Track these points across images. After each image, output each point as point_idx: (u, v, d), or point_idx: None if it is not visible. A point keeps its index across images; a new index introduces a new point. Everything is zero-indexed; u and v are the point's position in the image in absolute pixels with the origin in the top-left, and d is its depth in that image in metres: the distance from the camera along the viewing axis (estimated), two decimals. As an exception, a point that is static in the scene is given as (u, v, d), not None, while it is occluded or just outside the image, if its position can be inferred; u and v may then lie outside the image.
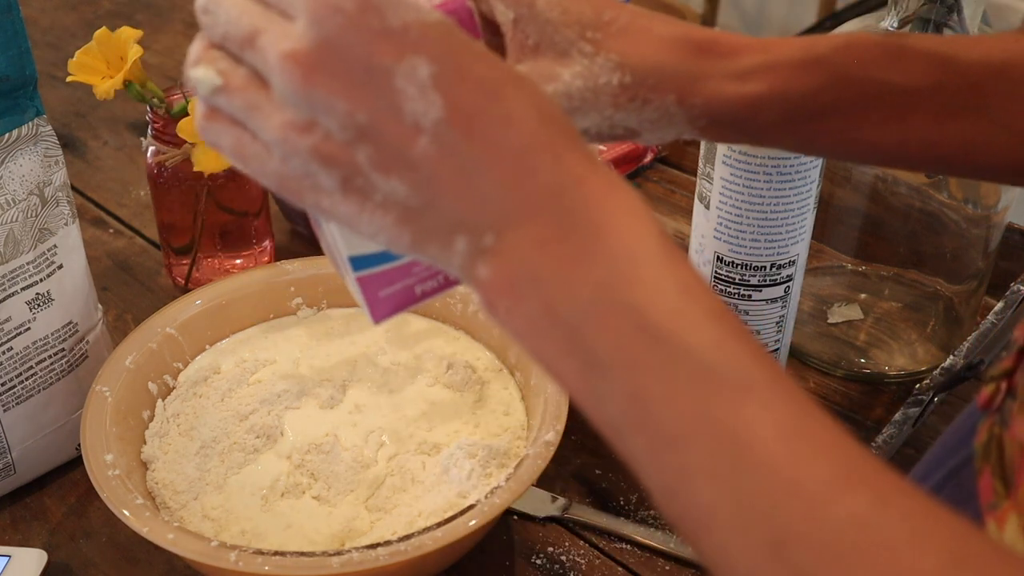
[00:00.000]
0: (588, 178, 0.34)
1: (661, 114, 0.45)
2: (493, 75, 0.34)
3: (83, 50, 0.73)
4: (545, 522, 0.66)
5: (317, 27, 0.33)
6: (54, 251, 0.64)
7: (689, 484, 0.31)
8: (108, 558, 0.64)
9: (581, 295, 0.33)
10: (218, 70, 0.36)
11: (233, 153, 0.38)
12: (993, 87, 0.48)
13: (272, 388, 0.67)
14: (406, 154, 0.34)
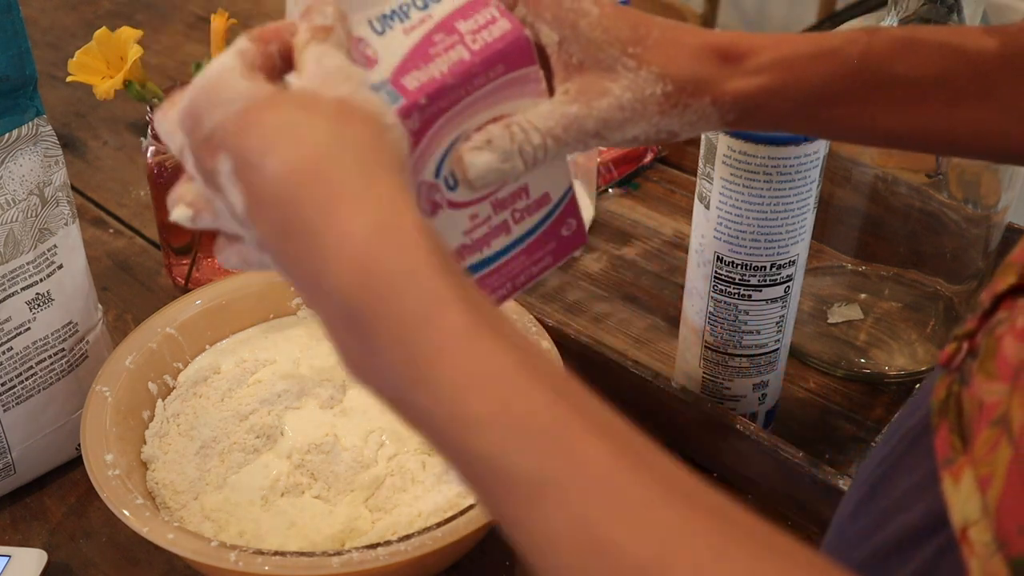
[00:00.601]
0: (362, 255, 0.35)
1: (699, 116, 0.49)
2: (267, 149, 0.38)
3: (83, 50, 0.73)
4: (545, 522, 0.66)
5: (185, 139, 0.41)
6: (54, 251, 0.64)
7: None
8: (108, 558, 0.64)
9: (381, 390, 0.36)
10: (186, 203, 0.43)
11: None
12: (1003, 76, 0.50)
13: (272, 388, 0.67)
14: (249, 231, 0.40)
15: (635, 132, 0.48)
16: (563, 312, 0.83)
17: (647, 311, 0.83)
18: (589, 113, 0.46)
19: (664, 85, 0.47)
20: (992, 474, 0.35)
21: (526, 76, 0.46)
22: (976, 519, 0.35)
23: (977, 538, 0.35)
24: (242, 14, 1.29)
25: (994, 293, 0.40)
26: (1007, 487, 0.34)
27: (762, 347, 0.67)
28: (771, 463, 0.65)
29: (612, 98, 0.47)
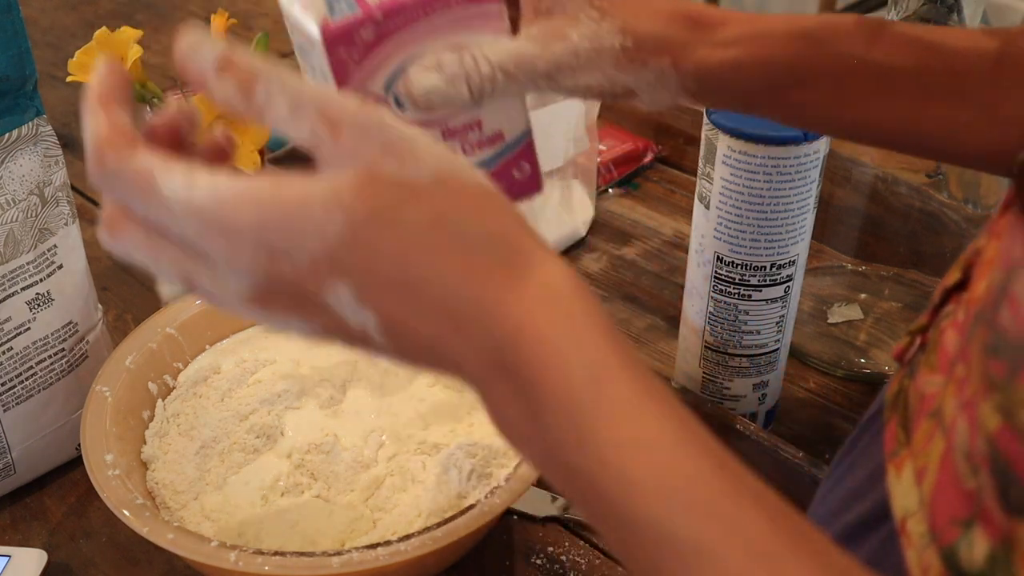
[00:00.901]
0: (523, 324, 0.34)
1: (657, 76, 0.49)
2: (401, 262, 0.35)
3: (83, 50, 0.73)
4: (545, 522, 0.66)
5: (246, 278, 0.35)
6: (54, 251, 0.64)
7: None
8: (108, 558, 0.64)
9: (538, 453, 0.36)
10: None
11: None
12: (978, 74, 0.50)
13: (272, 388, 0.67)
14: (369, 344, 0.36)
15: (588, 81, 0.49)
16: (563, 312, 0.83)
17: (647, 311, 0.83)
18: (542, 54, 0.47)
19: (624, 39, 0.48)
20: (927, 466, 0.35)
21: (487, 11, 0.47)
22: (914, 511, 0.35)
23: (914, 529, 0.35)
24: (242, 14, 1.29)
25: (943, 287, 0.40)
26: (939, 479, 0.34)
27: (762, 347, 0.67)
28: (771, 463, 0.65)
29: (568, 43, 0.48)
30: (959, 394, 0.34)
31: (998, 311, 0.32)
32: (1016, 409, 0.30)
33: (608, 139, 0.98)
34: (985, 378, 0.32)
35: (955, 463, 0.33)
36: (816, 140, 0.60)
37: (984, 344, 0.33)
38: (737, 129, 0.60)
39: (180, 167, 0.35)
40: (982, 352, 0.33)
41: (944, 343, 0.38)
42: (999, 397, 0.31)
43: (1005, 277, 0.33)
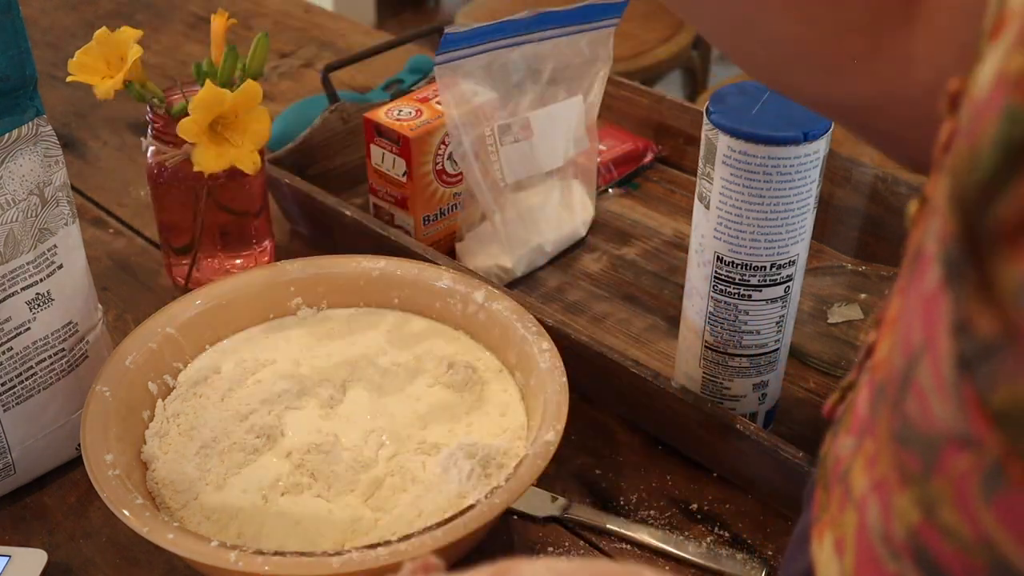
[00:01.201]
0: None
1: None
2: None
3: (83, 50, 0.73)
4: (545, 522, 0.66)
5: None
6: (54, 251, 0.64)
7: None
8: (108, 558, 0.64)
9: None
10: None
11: None
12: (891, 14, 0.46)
13: (272, 388, 0.67)
14: None
15: None
16: (563, 312, 0.83)
17: (647, 311, 0.83)
18: None
19: None
20: (844, 538, 0.34)
21: None
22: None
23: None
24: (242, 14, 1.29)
25: (866, 344, 0.39)
26: (858, 557, 0.33)
27: (762, 347, 0.67)
28: (771, 463, 0.65)
29: None
30: (869, 470, 0.33)
31: (904, 398, 0.31)
32: (936, 507, 0.29)
33: (608, 139, 0.98)
34: (898, 467, 0.31)
35: (872, 544, 0.32)
36: (816, 140, 0.60)
37: (892, 430, 0.32)
38: (737, 129, 0.60)
39: None
40: (890, 437, 0.32)
41: (857, 405, 0.36)
42: (917, 491, 0.30)
43: (907, 363, 0.31)
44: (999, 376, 0.27)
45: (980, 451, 0.28)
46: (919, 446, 0.30)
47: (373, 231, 0.82)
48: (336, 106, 0.94)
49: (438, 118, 0.82)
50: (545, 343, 0.66)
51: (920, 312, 0.31)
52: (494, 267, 0.84)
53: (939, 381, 0.29)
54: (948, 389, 0.28)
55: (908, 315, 0.32)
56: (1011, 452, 0.27)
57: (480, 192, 0.83)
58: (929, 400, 0.29)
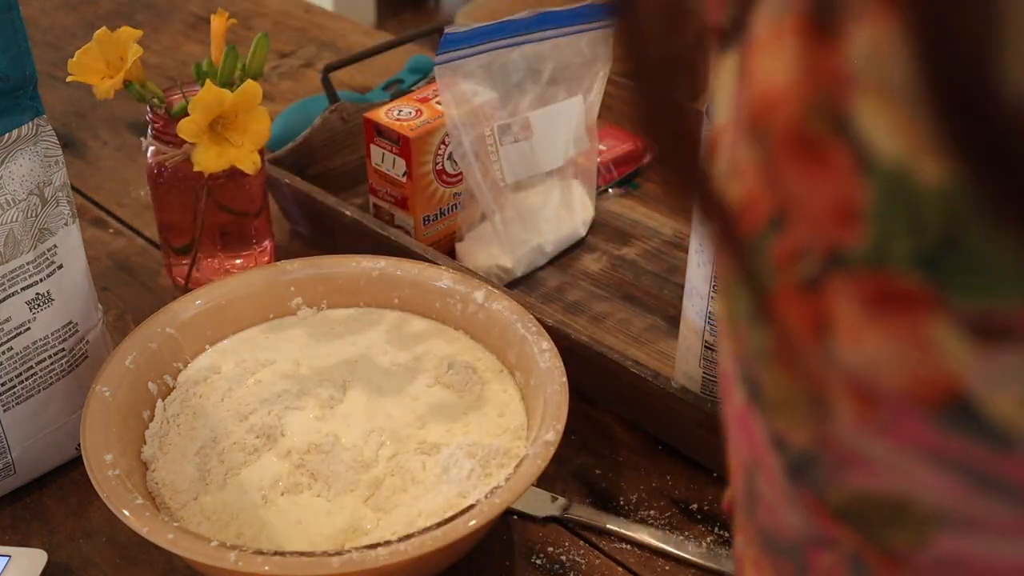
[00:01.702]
0: None
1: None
2: None
3: (83, 50, 0.73)
4: (545, 522, 0.66)
5: None
6: (54, 251, 0.64)
7: None
8: (108, 558, 0.64)
9: None
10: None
11: None
12: None
13: (272, 388, 0.67)
14: None
15: None
16: (563, 312, 0.83)
17: (647, 311, 0.83)
18: None
19: None
20: None
21: None
22: None
23: None
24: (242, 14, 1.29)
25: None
26: None
27: (762, 347, 0.67)
28: (771, 463, 0.65)
29: None
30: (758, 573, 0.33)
31: (755, 510, 0.31)
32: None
33: (608, 139, 0.98)
34: (776, 572, 0.32)
35: None
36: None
37: (758, 541, 0.32)
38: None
39: None
40: (760, 547, 0.32)
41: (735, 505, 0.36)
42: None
43: (746, 477, 0.31)
44: (827, 479, 0.27)
45: (838, 547, 0.28)
46: (786, 553, 0.31)
47: (373, 231, 0.82)
48: (336, 106, 0.94)
49: (438, 118, 0.82)
50: (545, 343, 0.66)
51: (738, 429, 0.31)
52: (494, 267, 0.84)
53: (778, 492, 0.29)
54: (789, 498, 0.29)
55: (734, 433, 0.32)
56: (863, 543, 0.27)
57: (480, 192, 0.83)
58: (777, 510, 0.30)
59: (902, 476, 0.25)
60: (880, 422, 0.25)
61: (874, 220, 0.23)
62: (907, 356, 0.23)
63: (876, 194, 0.23)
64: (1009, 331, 0.22)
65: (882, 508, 0.26)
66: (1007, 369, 0.22)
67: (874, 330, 0.24)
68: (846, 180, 0.23)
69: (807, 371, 0.26)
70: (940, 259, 0.22)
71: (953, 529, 0.25)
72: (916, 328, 0.23)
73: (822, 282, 0.24)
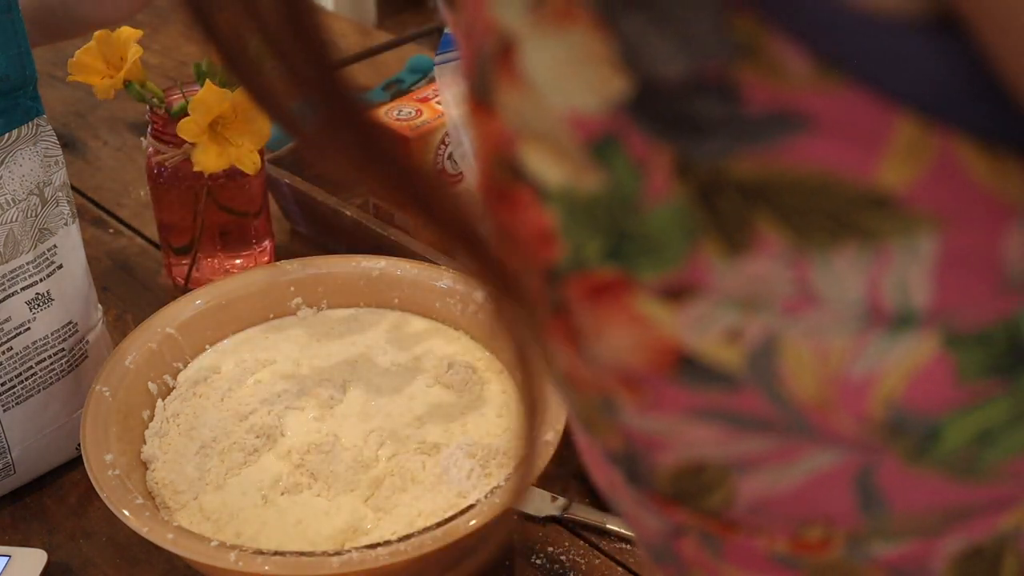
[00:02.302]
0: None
1: None
2: None
3: (83, 50, 0.73)
4: (545, 522, 0.66)
5: None
6: (54, 251, 0.64)
7: None
8: (108, 558, 0.64)
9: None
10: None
11: None
12: None
13: (272, 388, 0.67)
14: None
15: None
16: (563, 312, 0.83)
17: (647, 311, 0.83)
18: None
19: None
20: None
21: None
22: None
23: None
24: (242, 14, 1.29)
25: None
26: None
27: (762, 347, 0.67)
28: (771, 463, 0.65)
29: None
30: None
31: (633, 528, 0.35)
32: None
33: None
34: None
35: None
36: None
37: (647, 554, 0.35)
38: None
39: None
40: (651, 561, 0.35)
41: None
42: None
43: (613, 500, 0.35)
44: (647, 469, 0.31)
45: (689, 531, 0.31)
46: (663, 557, 0.33)
47: (373, 231, 0.82)
48: (336, 106, 0.94)
49: (438, 118, 0.82)
50: (545, 343, 0.66)
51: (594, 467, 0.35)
52: (494, 267, 0.84)
53: (630, 502, 0.33)
54: (639, 503, 0.32)
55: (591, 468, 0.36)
56: (700, 517, 0.31)
57: (480, 192, 0.82)
58: (640, 520, 0.33)
59: (685, 440, 0.29)
60: (648, 399, 0.28)
61: (565, 235, 0.27)
62: (633, 334, 0.27)
63: (559, 215, 0.27)
64: (688, 288, 0.26)
65: (691, 477, 0.30)
66: (701, 318, 0.26)
67: (602, 322, 0.28)
68: (534, 211, 0.28)
69: (585, 380, 0.30)
70: (620, 249, 0.27)
71: (743, 474, 0.29)
72: (626, 309, 0.27)
73: (558, 298, 0.29)
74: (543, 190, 0.27)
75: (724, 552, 0.31)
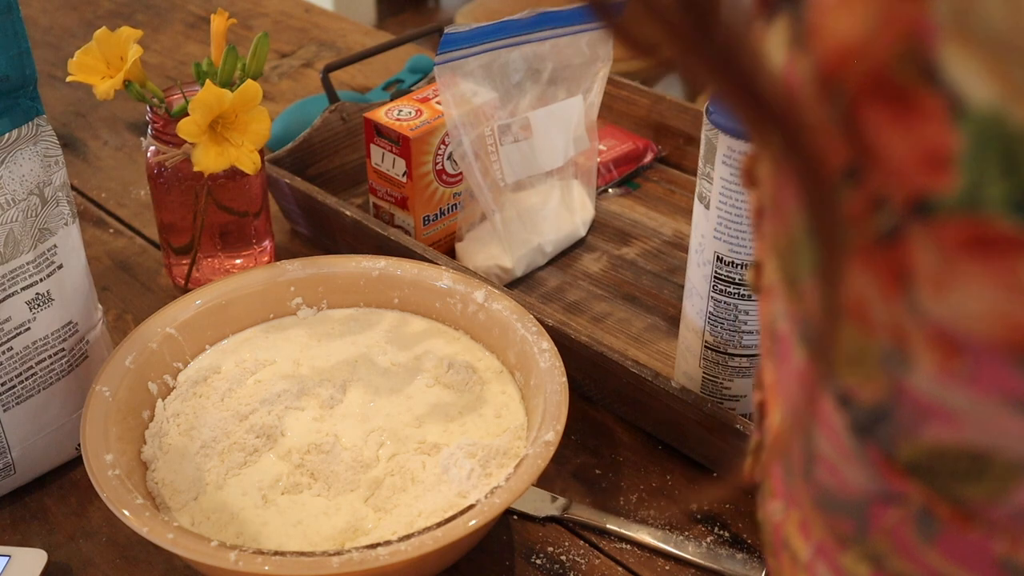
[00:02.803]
0: None
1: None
2: None
3: (83, 50, 0.73)
4: (545, 522, 0.66)
5: None
6: (54, 251, 0.64)
7: None
8: (108, 558, 0.64)
9: None
10: None
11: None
12: None
13: (272, 388, 0.67)
14: None
15: None
16: (563, 312, 0.83)
17: (647, 311, 0.83)
18: None
19: None
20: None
21: None
22: None
23: None
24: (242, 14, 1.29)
25: (757, 403, 0.39)
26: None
27: (762, 347, 0.67)
28: (771, 463, 0.65)
29: None
30: (805, 537, 0.33)
31: (813, 469, 0.31)
32: (884, 558, 0.29)
33: (608, 139, 0.98)
34: (831, 531, 0.31)
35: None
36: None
37: (812, 499, 0.32)
38: (737, 129, 0.60)
39: None
40: (813, 505, 0.32)
41: (771, 470, 0.36)
42: (858, 549, 0.30)
43: (803, 437, 0.31)
44: (899, 433, 0.27)
45: (905, 503, 0.28)
46: (845, 510, 0.30)
47: (373, 231, 0.82)
48: (336, 106, 0.94)
49: (438, 118, 0.82)
50: (545, 343, 0.66)
51: (796, 388, 0.31)
52: (494, 267, 0.84)
53: (841, 450, 0.29)
54: (853, 455, 0.29)
55: (786, 389, 0.32)
56: (934, 497, 0.27)
57: (480, 192, 0.83)
58: (839, 468, 0.30)
59: (985, 426, 0.25)
60: (964, 371, 0.25)
61: (966, 166, 0.23)
62: (999, 301, 0.23)
63: (969, 140, 0.23)
64: None
65: (960, 461, 0.26)
66: None
67: (963, 277, 0.24)
68: (936, 127, 0.23)
69: (883, 324, 0.26)
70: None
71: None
72: (1010, 272, 0.23)
73: (903, 232, 0.24)
74: (958, 104, 0.23)
75: (939, 539, 0.28)
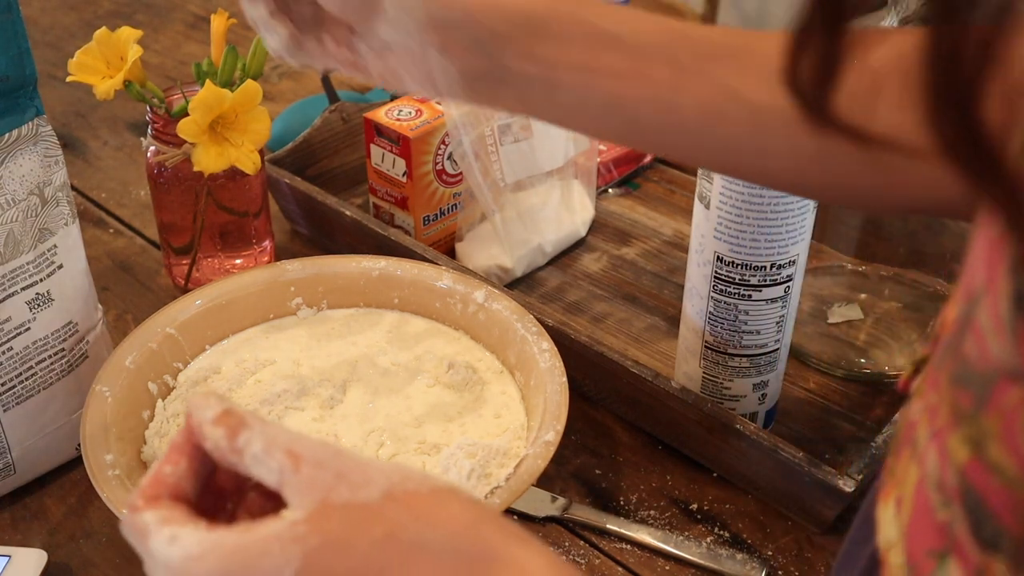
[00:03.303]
0: None
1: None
2: None
3: (83, 50, 0.73)
4: (545, 522, 0.66)
5: None
6: (54, 251, 0.64)
7: None
8: (108, 558, 0.64)
9: None
10: None
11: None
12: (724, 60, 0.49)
13: (272, 388, 0.67)
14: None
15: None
16: (563, 312, 0.83)
17: (647, 311, 0.83)
18: None
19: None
20: (904, 496, 0.35)
21: None
22: (894, 542, 0.35)
23: (894, 561, 0.35)
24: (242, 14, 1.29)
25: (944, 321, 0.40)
26: (915, 509, 0.34)
27: (762, 347, 0.67)
28: (771, 463, 0.65)
29: None
30: (931, 421, 0.34)
31: (963, 340, 0.32)
32: (985, 441, 0.30)
33: (608, 139, 0.98)
34: (953, 408, 0.32)
35: (927, 494, 0.33)
36: (816, 140, 0.60)
37: (951, 374, 0.32)
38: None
39: (170, 529, 0.39)
40: (949, 382, 0.32)
41: (929, 371, 0.37)
42: (967, 429, 0.31)
43: (967, 306, 0.32)
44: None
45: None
46: (974, 384, 0.31)
47: (373, 231, 0.82)
48: (336, 106, 0.94)
49: (438, 118, 0.82)
50: (545, 343, 0.66)
51: (984, 256, 0.31)
52: (494, 267, 0.84)
53: (996, 320, 0.29)
54: (1004, 326, 0.29)
55: (974, 261, 0.33)
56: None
57: (480, 192, 0.83)
58: (986, 339, 0.30)
59: None
60: None
61: None
62: None
63: None
64: None
65: None
66: None
67: None
68: None
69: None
70: None
71: None
72: None
73: None
74: None
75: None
